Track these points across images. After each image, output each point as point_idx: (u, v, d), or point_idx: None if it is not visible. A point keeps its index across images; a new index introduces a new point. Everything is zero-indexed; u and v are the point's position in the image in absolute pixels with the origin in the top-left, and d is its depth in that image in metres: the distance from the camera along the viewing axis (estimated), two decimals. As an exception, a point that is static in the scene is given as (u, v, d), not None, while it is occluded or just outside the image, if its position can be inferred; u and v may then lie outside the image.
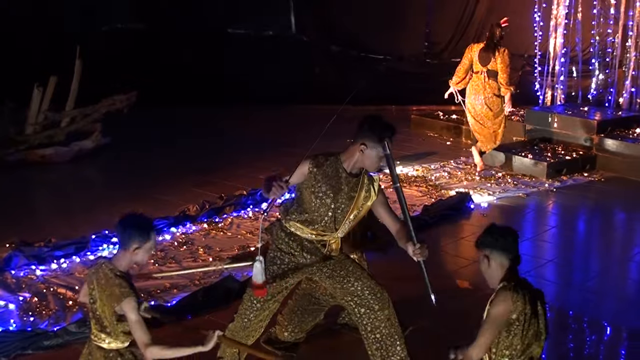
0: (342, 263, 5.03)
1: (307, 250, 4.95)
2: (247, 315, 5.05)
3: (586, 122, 11.43)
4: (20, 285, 6.76)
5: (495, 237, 4.13)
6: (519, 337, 3.88)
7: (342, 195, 4.81)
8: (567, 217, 9.53)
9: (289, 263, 4.96)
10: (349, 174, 4.81)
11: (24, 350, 5.63)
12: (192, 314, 6.34)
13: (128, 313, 4.14)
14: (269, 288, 4.84)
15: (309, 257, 4.96)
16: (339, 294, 5.00)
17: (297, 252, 4.96)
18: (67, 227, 8.10)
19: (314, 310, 5.59)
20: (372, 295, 4.94)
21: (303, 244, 4.95)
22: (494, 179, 10.51)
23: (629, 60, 12.53)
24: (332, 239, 4.97)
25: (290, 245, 4.97)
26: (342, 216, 4.87)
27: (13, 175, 10.11)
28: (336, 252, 5.03)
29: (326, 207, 4.83)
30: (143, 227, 4.37)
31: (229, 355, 5.11)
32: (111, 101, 11.53)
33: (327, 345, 5.79)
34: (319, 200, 4.82)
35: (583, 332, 6.36)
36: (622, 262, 8.00)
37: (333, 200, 4.81)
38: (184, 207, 8.74)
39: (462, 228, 8.72)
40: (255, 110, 13.98)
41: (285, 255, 4.98)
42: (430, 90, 14.33)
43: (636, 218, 9.49)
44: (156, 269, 7.23)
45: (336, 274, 4.98)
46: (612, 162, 10.95)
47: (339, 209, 4.85)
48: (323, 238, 4.96)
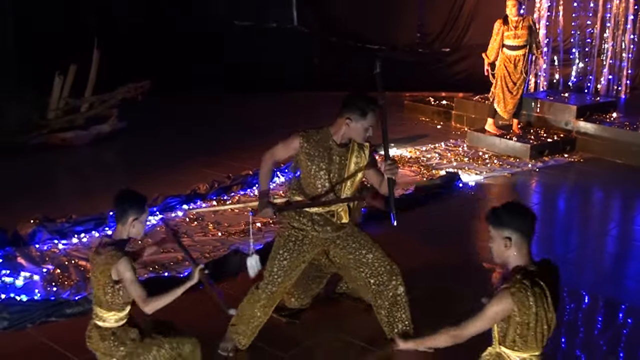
0: (354, 236, 5.06)
1: (317, 224, 4.94)
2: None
3: (567, 107, 11.42)
4: (44, 258, 6.79)
5: (515, 216, 3.91)
6: (533, 334, 3.58)
7: (335, 165, 4.84)
8: (548, 195, 9.55)
9: (303, 239, 4.96)
10: (338, 145, 4.84)
11: (48, 318, 5.68)
12: (202, 284, 6.35)
13: (123, 272, 4.18)
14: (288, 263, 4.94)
15: (321, 229, 4.95)
16: (352, 264, 5.04)
17: (308, 227, 4.94)
18: (86, 204, 8.12)
19: (317, 277, 5.63)
20: (382, 267, 5.02)
21: (313, 218, 4.94)
22: (481, 159, 10.52)
23: (606, 50, 12.53)
24: (339, 207, 4.96)
25: (302, 222, 4.95)
26: (340, 185, 4.89)
27: (36, 157, 10.13)
28: (346, 220, 5.02)
29: (322, 179, 4.86)
30: (138, 201, 4.37)
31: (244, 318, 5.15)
32: (126, 89, 11.56)
33: (328, 313, 5.81)
34: (315, 173, 4.85)
35: (563, 301, 6.36)
36: (599, 236, 8.02)
37: (327, 171, 4.84)
38: (194, 186, 8.75)
39: (451, 205, 8.73)
40: (260, 97, 13.96)
41: (299, 232, 4.97)
42: (422, 78, 14.36)
43: (612, 196, 9.52)
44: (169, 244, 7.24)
45: (349, 247, 5.03)
46: (591, 144, 10.95)
47: (334, 179, 4.87)
48: (330, 208, 4.95)
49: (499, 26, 10.63)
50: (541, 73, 12.61)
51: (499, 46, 10.66)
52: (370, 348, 5.28)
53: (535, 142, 10.78)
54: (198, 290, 4.75)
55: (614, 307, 6.23)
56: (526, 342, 3.59)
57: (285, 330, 5.57)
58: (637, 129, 10.77)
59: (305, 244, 4.98)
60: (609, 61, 12.43)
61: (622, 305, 6.24)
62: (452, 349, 3.87)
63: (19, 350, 4.99)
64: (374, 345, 5.30)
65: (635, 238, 8.04)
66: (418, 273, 6.38)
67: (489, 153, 10.80)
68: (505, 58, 10.69)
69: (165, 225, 4.93)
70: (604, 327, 5.91)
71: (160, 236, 7.31)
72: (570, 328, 5.85)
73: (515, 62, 10.63)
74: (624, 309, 6.18)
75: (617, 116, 11.53)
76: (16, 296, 5.94)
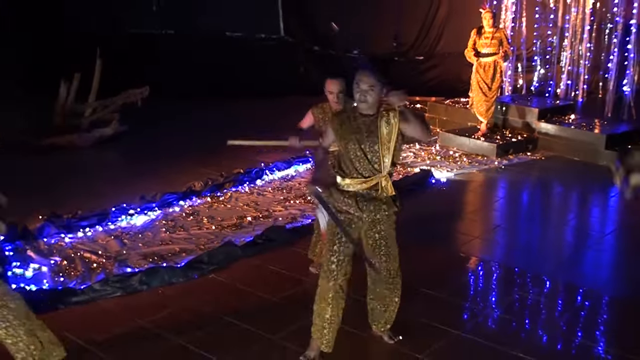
0: (385, 238, 4.72)
1: (360, 206, 4.56)
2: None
3: (529, 110, 11.48)
4: (52, 250, 6.79)
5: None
6: None
7: (363, 136, 4.47)
8: (513, 189, 9.61)
9: (350, 223, 4.61)
10: (364, 116, 4.50)
11: (56, 305, 5.67)
12: (197, 273, 6.38)
13: None
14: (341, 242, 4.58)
15: (362, 214, 4.58)
16: (366, 252, 4.77)
17: (352, 207, 4.56)
18: (90, 201, 8.11)
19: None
20: (386, 277, 4.84)
21: (357, 199, 4.56)
22: (452, 158, 10.57)
23: (565, 57, 12.60)
24: (382, 178, 4.55)
25: (347, 202, 4.58)
26: (376, 156, 4.49)
27: (44, 158, 10.11)
28: (392, 192, 4.60)
29: (356, 152, 4.48)
30: None
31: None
32: (127, 94, 11.56)
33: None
34: (347, 148, 4.49)
35: (526, 285, 6.41)
36: (558, 227, 8.08)
37: (358, 144, 4.47)
38: (190, 183, 8.76)
39: (424, 199, 8.77)
40: (250, 102, 13.95)
41: (343, 214, 4.59)
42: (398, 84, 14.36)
43: (571, 190, 9.58)
44: (167, 236, 7.25)
45: (373, 242, 4.72)
46: (551, 143, 11.02)
47: (368, 150, 4.48)
48: (373, 182, 4.54)
49: (474, 35, 10.70)
50: (506, 79, 12.67)
51: (470, 52, 10.71)
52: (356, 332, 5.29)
53: (501, 142, 10.84)
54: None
55: (573, 291, 6.28)
56: None
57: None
58: (592, 129, 10.85)
59: (352, 228, 4.62)
60: (568, 68, 12.51)
61: (580, 289, 6.28)
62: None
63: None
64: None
65: (591, 228, 8.11)
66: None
67: (459, 152, 10.86)
68: (478, 65, 10.76)
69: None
70: (564, 309, 5.95)
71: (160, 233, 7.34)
72: (533, 310, 5.89)
73: (486, 68, 10.70)
74: (581, 292, 6.23)
75: (574, 118, 11.59)
76: (26, 286, 5.95)
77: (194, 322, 5.53)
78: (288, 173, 9.53)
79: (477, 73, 10.81)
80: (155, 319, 5.57)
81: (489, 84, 10.76)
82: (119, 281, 6.04)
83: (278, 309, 5.67)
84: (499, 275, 6.69)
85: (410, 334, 5.33)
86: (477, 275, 6.73)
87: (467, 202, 8.96)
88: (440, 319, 5.57)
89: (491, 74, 10.72)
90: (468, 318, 5.73)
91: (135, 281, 6.08)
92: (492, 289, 6.49)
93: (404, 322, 5.54)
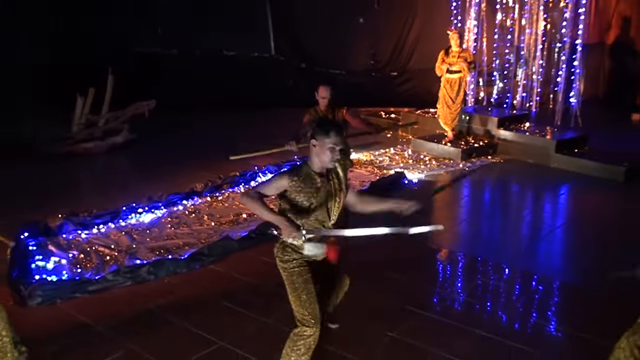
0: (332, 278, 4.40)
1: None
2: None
3: (490, 119, 11.52)
4: (70, 245, 6.76)
5: None
6: None
7: (322, 193, 4.10)
8: (476, 188, 9.64)
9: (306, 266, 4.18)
10: (319, 174, 4.10)
11: (74, 294, 5.68)
12: (199, 264, 6.37)
13: None
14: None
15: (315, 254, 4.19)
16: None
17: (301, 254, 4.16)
18: (103, 201, 8.08)
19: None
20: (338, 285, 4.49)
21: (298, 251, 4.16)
22: (422, 161, 10.60)
23: (520, 73, 12.65)
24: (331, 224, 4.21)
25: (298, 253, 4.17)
26: (331, 208, 4.18)
27: (63, 164, 10.06)
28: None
29: (317, 206, 4.10)
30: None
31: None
32: (135, 107, 11.53)
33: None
34: (308, 203, 4.07)
35: (488, 272, 6.44)
36: (516, 221, 8.13)
37: (317, 199, 4.09)
38: (192, 185, 8.74)
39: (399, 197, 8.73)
40: (245, 113, 13.91)
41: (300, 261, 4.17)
42: (375, 96, 14.41)
43: (526, 188, 9.63)
44: (172, 232, 7.24)
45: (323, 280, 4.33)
46: (509, 148, 11.06)
47: (324, 204, 4.14)
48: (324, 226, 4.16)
49: (442, 55, 10.73)
50: (470, 92, 12.72)
51: (441, 68, 10.74)
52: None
53: (465, 147, 10.86)
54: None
55: (528, 277, 6.32)
56: None
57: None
58: (544, 135, 10.91)
59: (307, 269, 4.17)
60: (523, 82, 12.56)
61: (534, 275, 6.32)
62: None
63: (50, 321, 4.98)
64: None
65: (544, 222, 8.16)
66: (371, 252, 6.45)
67: (429, 156, 10.88)
68: (445, 81, 10.79)
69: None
70: (520, 293, 5.99)
71: (165, 229, 7.31)
72: (494, 294, 5.93)
73: (452, 84, 10.74)
74: (535, 278, 6.27)
75: (529, 126, 11.63)
76: (47, 277, 5.92)
77: (195, 307, 5.53)
78: (279, 175, 9.52)
79: (444, 88, 10.85)
80: (162, 305, 5.56)
81: (453, 98, 10.79)
82: (129, 272, 6.03)
83: (270, 295, 5.66)
84: (464, 264, 6.72)
85: (385, 315, 5.36)
86: (445, 263, 6.76)
87: (436, 199, 8.98)
88: (412, 302, 5.59)
89: (456, 90, 10.76)
90: (437, 301, 5.75)
91: (144, 272, 6.07)
92: (458, 275, 6.52)
93: (378, 304, 5.57)
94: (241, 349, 4.87)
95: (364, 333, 5.10)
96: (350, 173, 8.83)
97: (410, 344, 4.94)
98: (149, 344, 4.94)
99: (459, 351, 4.81)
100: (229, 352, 4.84)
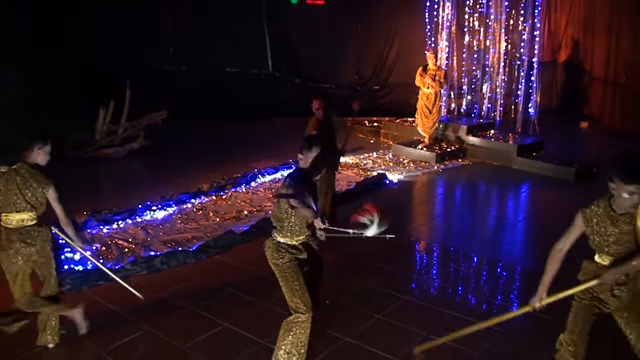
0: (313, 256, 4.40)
1: (299, 250, 4.25)
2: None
3: (460, 127, 11.54)
4: (93, 239, 6.73)
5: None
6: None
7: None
8: (448, 187, 9.65)
9: (295, 261, 4.23)
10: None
11: (97, 282, 5.64)
12: (205, 255, 6.35)
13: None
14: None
15: (301, 254, 4.25)
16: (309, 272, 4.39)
17: (296, 253, 4.24)
18: (122, 200, 8.04)
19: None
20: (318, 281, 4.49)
21: (297, 248, 4.25)
22: (401, 164, 10.60)
23: (486, 87, 12.69)
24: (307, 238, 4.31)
25: (292, 252, 4.19)
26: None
27: (87, 167, 9.99)
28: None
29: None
30: (44, 135, 4.33)
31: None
32: (150, 117, 11.47)
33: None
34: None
35: (459, 261, 6.46)
36: (483, 216, 8.15)
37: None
38: (199, 185, 8.70)
39: (381, 195, 8.80)
40: (246, 122, 13.86)
41: (292, 258, 4.19)
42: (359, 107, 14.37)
43: (492, 187, 9.65)
44: (182, 227, 7.21)
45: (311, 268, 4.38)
46: (477, 152, 11.08)
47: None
48: (303, 240, 4.28)
49: (420, 71, 10.74)
50: (442, 103, 12.74)
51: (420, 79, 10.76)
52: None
53: (439, 151, 10.87)
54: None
55: (494, 264, 6.34)
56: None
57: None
58: (507, 141, 10.94)
59: (296, 264, 4.19)
60: (488, 95, 12.60)
61: (499, 262, 6.35)
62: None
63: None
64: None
65: (507, 216, 8.18)
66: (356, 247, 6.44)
67: (407, 159, 10.88)
68: (422, 94, 10.81)
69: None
70: (487, 278, 6.01)
71: (176, 225, 7.27)
72: (464, 280, 5.94)
73: (429, 97, 10.75)
74: (500, 265, 6.29)
75: (494, 132, 11.66)
76: (75, 267, 5.89)
77: (203, 293, 5.51)
78: (276, 176, 9.50)
79: (421, 100, 10.86)
80: (173, 291, 5.54)
81: (430, 109, 10.81)
82: (145, 262, 6.00)
83: (270, 282, 5.61)
84: (438, 254, 6.73)
85: (370, 299, 5.35)
86: (422, 253, 6.77)
87: (414, 197, 9.00)
88: (394, 287, 5.60)
89: (432, 101, 10.78)
90: (415, 286, 5.76)
91: (158, 262, 6.05)
92: (434, 264, 6.53)
93: (365, 290, 5.56)
94: (244, 329, 4.86)
95: (353, 315, 5.10)
96: (338, 175, 8.82)
97: (393, 324, 4.95)
98: (163, 326, 4.92)
99: (435, 330, 4.81)
100: (233, 332, 4.83)
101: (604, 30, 13.24)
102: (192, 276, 5.91)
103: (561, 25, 14.24)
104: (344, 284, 5.70)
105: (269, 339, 4.62)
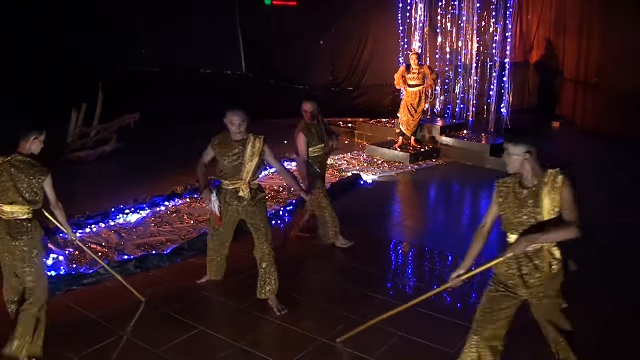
0: (254, 224, 5.23)
1: (231, 197, 5.18)
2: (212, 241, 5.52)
3: (434, 127, 11.64)
4: (67, 243, 6.61)
5: (533, 136, 3.60)
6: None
7: (235, 154, 5.14)
8: (422, 187, 9.73)
9: (226, 209, 5.22)
10: (235, 141, 5.24)
11: (71, 287, 5.61)
12: (180, 258, 6.32)
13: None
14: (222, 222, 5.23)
15: (234, 202, 5.17)
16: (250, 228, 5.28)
17: (227, 200, 5.18)
18: (95, 203, 7.94)
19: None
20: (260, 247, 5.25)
21: (228, 195, 5.18)
22: (376, 164, 10.66)
23: (459, 87, 12.82)
24: (243, 185, 5.12)
25: (224, 197, 5.20)
26: (241, 168, 5.09)
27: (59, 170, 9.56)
28: (247, 195, 5.13)
29: (229, 164, 5.12)
30: (39, 125, 4.41)
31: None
32: (122, 119, 11.36)
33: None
34: (223, 161, 5.15)
35: (434, 259, 6.52)
36: (457, 215, 8.24)
37: (230, 159, 5.12)
38: (173, 188, 8.64)
39: (356, 196, 8.85)
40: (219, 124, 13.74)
41: (225, 204, 5.21)
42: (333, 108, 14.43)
43: (465, 187, 9.76)
44: (156, 230, 7.15)
45: (250, 226, 5.26)
46: (450, 152, 11.19)
47: (236, 163, 5.10)
48: (236, 186, 5.13)
49: (403, 71, 10.82)
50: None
51: (400, 82, 10.82)
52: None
53: (413, 152, 10.96)
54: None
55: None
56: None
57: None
58: (480, 141, 11.07)
59: (229, 212, 5.22)
60: (461, 95, 12.74)
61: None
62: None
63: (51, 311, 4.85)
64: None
65: (480, 215, 8.22)
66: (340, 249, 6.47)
67: (382, 160, 10.94)
68: (408, 93, 10.89)
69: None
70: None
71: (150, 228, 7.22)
72: (439, 278, 6.00)
73: (413, 96, 10.84)
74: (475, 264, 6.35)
75: (467, 133, 11.79)
76: (47, 272, 5.78)
77: (177, 296, 5.49)
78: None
79: (406, 99, 10.95)
80: (148, 295, 5.50)
81: (415, 108, 10.89)
82: (118, 266, 5.94)
83: (243, 285, 5.65)
84: (413, 253, 6.79)
85: (347, 299, 5.38)
86: (397, 253, 6.82)
87: (389, 198, 9.05)
88: (370, 287, 5.63)
89: (417, 100, 10.86)
90: (391, 286, 5.80)
91: (132, 266, 6.00)
92: (409, 263, 6.59)
93: (342, 291, 5.59)
94: (219, 332, 4.85)
95: (333, 316, 5.11)
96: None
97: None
98: (139, 330, 4.89)
99: (411, 329, 4.86)
100: (208, 335, 4.81)
101: (575, 32, 13.48)
102: (167, 279, 5.88)
103: (533, 27, 14.46)
104: (326, 285, 5.73)
105: (245, 342, 4.62)
